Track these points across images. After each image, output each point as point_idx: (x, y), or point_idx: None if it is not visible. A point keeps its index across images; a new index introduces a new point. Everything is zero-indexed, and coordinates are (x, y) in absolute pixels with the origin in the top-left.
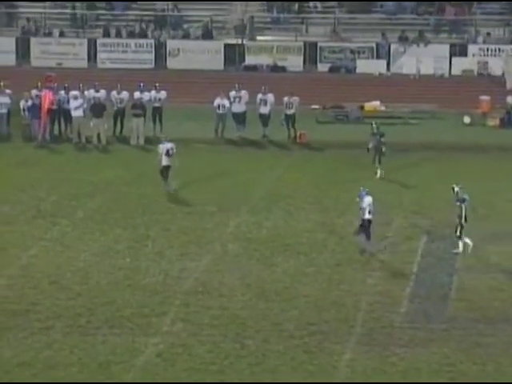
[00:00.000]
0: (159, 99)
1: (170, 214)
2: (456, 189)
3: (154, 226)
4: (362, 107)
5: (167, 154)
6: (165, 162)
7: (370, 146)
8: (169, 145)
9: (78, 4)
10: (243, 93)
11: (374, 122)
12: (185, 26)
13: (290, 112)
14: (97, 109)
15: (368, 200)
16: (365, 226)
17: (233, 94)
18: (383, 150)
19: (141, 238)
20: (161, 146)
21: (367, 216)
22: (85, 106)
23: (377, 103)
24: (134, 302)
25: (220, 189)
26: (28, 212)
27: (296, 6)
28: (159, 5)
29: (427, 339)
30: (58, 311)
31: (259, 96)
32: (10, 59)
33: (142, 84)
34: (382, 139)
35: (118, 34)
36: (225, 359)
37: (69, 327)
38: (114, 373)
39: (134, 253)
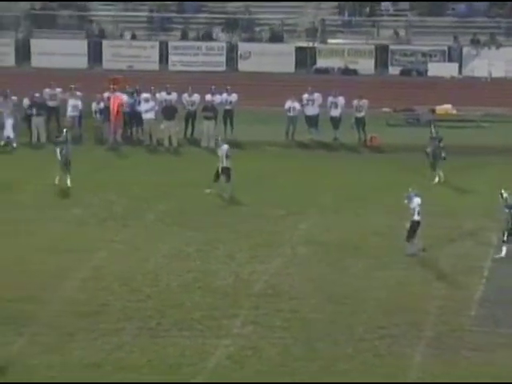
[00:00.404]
0: (230, 102)
1: (240, 217)
2: (505, 195)
3: (223, 228)
4: (433, 110)
5: (227, 156)
6: (225, 163)
7: (429, 150)
8: (225, 146)
9: (154, 7)
10: (316, 96)
11: (433, 127)
12: (256, 28)
13: (360, 115)
14: (168, 111)
15: (417, 201)
16: (414, 228)
17: (306, 96)
18: (442, 154)
19: (211, 240)
20: (221, 148)
21: (416, 217)
22: (156, 108)
23: (448, 106)
24: (204, 305)
25: (289, 191)
26: (99, 214)
27: (367, 8)
28: (230, 7)
29: (497, 343)
30: (129, 313)
31: (330, 99)
32: (82, 62)
33: (213, 87)
34: (441, 144)
35: (190, 37)
36: (295, 362)
37: (139, 329)
38: (184, 374)
39: (204, 255)
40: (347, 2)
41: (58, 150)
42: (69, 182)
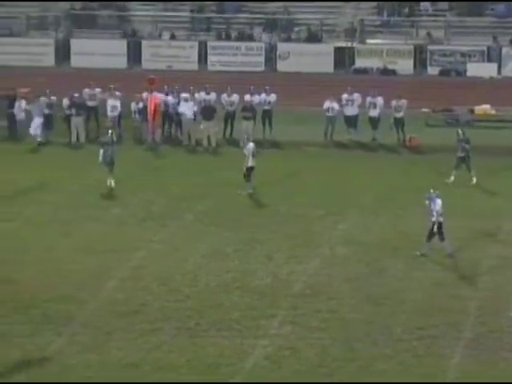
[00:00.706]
0: (269, 102)
1: (278, 217)
2: None
3: (262, 228)
4: (472, 111)
5: (253, 154)
6: (251, 163)
7: (459, 154)
8: (251, 145)
9: (194, 7)
10: (356, 96)
11: (459, 129)
12: (295, 28)
13: (399, 115)
14: (207, 111)
15: (439, 202)
16: (439, 229)
17: (345, 96)
18: (463, 155)
19: (249, 240)
20: (247, 147)
21: (440, 218)
22: (195, 108)
23: (487, 106)
24: (242, 305)
25: (328, 192)
26: (138, 214)
27: (406, 8)
28: (270, 8)
29: None
30: (167, 313)
31: (368, 99)
32: (122, 62)
33: (251, 87)
34: (467, 146)
35: (229, 37)
36: (333, 362)
37: (177, 329)
38: (223, 374)
39: (242, 255)
40: (386, 2)
41: (101, 151)
42: (113, 182)
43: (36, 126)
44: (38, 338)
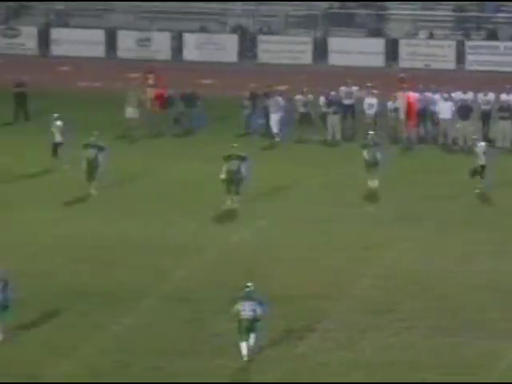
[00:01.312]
0: None
1: None
2: None
3: None
4: None
5: (484, 153)
6: (482, 161)
7: None
8: (482, 144)
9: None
10: None
11: None
12: None
13: None
14: (463, 111)
15: None
16: None
17: None
18: None
19: (502, 240)
20: (478, 145)
21: None
22: (453, 108)
23: None
24: (497, 306)
25: None
26: (392, 213)
27: None
28: None
29: None
30: (420, 312)
31: None
32: (379, 60)
33: (508, 86)
34: None
35: (488, 36)
36: None
37: (431, 328)
38: (475, 375)
39: (496, 255)
40: None
41: (365, 152)
42: (373, 183)
43: (274, 124)
44: (291, 333)
